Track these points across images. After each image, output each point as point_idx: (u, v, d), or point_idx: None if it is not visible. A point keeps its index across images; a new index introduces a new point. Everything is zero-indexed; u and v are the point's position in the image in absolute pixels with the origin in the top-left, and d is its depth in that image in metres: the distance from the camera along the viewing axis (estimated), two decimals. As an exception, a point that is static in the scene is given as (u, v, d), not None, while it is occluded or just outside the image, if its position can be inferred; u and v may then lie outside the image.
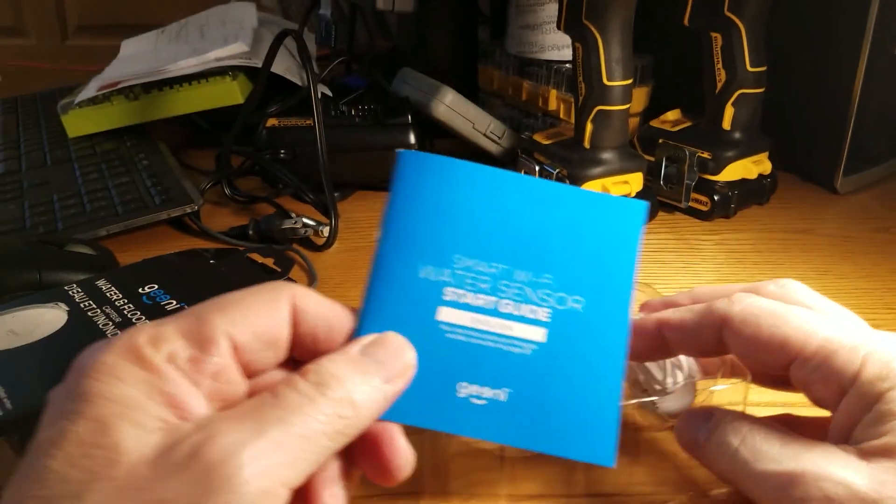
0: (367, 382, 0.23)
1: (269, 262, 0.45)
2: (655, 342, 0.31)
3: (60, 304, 0.38)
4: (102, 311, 0.37)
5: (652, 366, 0.34)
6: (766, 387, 0.33)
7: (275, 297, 0.24)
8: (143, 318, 0.37)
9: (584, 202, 0.27)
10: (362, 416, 0.23)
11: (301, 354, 0.25)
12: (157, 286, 0.39)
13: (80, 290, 0.39)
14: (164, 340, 0.22)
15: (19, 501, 0.20)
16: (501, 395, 0.25)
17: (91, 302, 0.38)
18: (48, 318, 0.36)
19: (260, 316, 0.24)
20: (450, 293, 0.25)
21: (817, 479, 0.26)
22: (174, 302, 0.38)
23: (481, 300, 0.25)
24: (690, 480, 0.34)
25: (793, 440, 0.28)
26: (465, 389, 0.25)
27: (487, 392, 0.25)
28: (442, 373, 0.25)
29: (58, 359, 0.34)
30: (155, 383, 0.21)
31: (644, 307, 0.35)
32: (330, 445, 0.22)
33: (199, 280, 0.42)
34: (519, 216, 0.26)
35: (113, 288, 0.39)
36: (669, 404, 0.34)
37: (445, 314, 0.25)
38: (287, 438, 0.21)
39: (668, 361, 0.34)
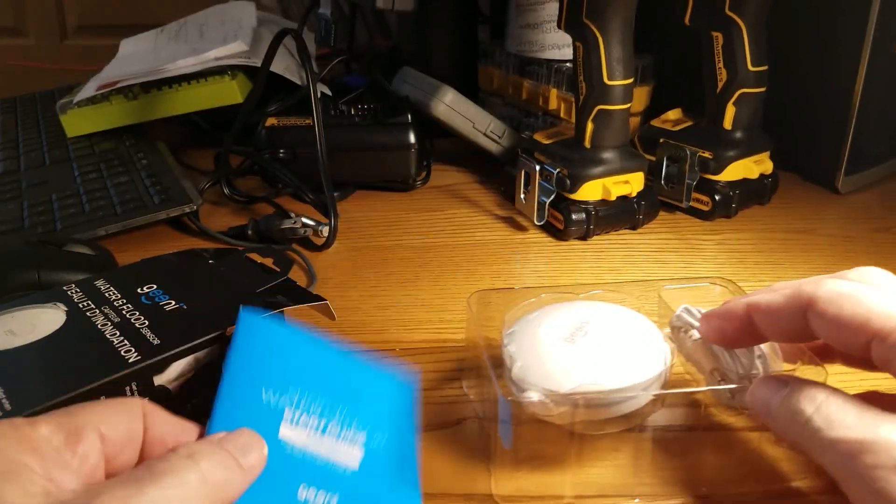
0: (229, 461, 0.26)
1: (269, 262, 0.45)
2: (744, 326, 0.33)
3: (59, 304, 0.37)
4: (101, 312, 0.37)
5: (735, 355, 0.35)
6: (851, 367, 0.34)
7: (129, 401, 0.27)
8: (142, 318, 0.36)
9: (371, 373, 0.35)
10: (228, 491, 0.25)
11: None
12: (155, 286, 0.39)
13: (78, 290, 0.39)
14: (41, 424, 0.24)
15: None
16: (333, 499, 0.30)
17: (90, 302, 0.38)
18: (46, 319, 0.36)
19: (120, 413, 0.26)
20: (288, 415, 0.31)
21: (889, 448, 0.26)
22: (173, 302, 0.38)
23: (313, 422, 0.32)
24: (770, 473, 0.35)
25: (868, 410, 0.28)
26: (305, 492, 0.30)
27: (322, 496, 0.30)
28: (285, 478, 0.30)
29: (57, 358, 0.34)
30: (35, 457, 0.23)
31: (727, 304, 0.36)
32: None
33: (199, 280, 0.41)
34: (333, 370, 0.34)
35: (111, 288, 0.39)
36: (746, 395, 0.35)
37: (285, 431, 0.31)
38: (166, 499, 0.23)
39: (754, 351, 0.35)
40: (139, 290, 0.39)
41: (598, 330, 0.37)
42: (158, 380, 0.34)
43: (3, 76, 1.16)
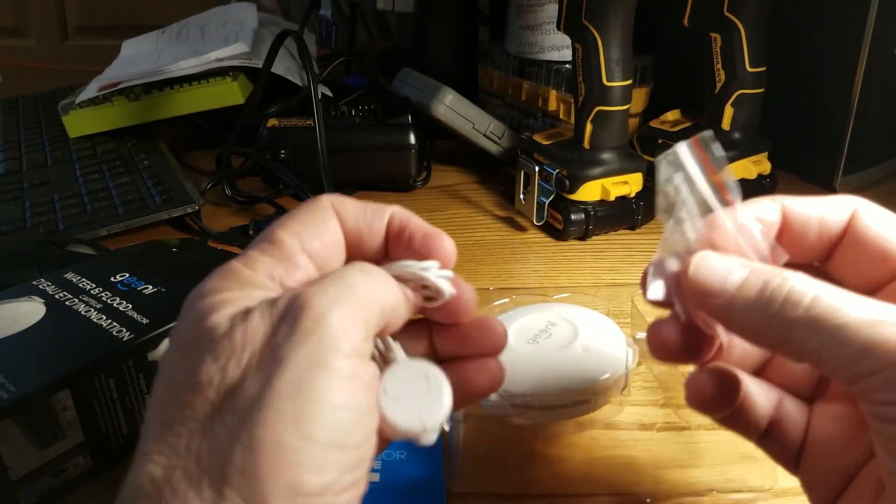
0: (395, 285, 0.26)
1: (231, 248, 0.46)
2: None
3: (34, 297, 0.38)
4: (81, 300, 0.38)
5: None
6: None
7: (321, 208, 0.27)
8: (125, 302, 0.37)
9: None
10: (400, 311, 0.25)
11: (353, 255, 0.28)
12: (128, 274, 0.40)
13: (50, 283, 0.39)
14: (258, 262, 0.24)
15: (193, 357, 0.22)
16: None
17: (66, 293, 0.38)
18: (26, 311, 0.37)
19: (319, 225, 0.26)
20: None
21: None
22: (150, 287, 0.39)
23: None
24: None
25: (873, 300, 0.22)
26: None
27: None
28: None
29: (50, 343, 0.35)
30: (262, 297, 0.23)
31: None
32: (381, 315, 0.24)
33: (170, 266, 0.42)
34: None
35: (84, 279, 0.40)
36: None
37: None
38: (355, 302, 0.23)
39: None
40: (113, 279, 0.40)
41: (562, 333, 0.38)
42: (152, 356, 0.35)
43: (4, 77, 1.17)
